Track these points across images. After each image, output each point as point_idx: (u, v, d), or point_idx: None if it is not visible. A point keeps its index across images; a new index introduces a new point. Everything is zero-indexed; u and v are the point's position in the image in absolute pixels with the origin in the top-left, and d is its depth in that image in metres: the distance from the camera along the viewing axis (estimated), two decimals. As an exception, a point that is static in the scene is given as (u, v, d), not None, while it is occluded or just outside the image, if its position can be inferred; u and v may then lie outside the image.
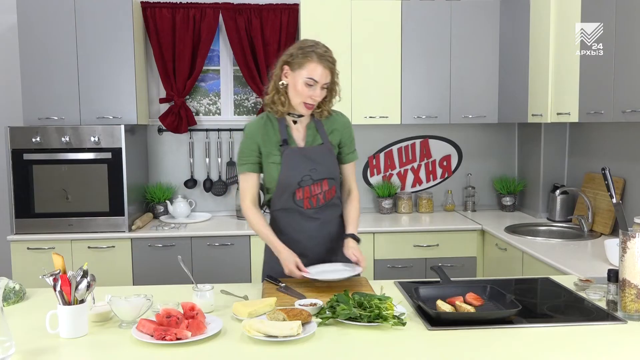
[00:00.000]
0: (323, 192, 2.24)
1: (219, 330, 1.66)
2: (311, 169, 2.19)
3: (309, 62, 2.09)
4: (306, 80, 2.09)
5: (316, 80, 2.09)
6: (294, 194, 2.21)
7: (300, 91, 2.10)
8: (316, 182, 2.21)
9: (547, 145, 3.85)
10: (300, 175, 2.18)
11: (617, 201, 1.89)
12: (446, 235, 3.69)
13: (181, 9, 3.90)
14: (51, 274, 1.67)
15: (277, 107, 2.17)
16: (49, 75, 3.59)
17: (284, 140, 2.19)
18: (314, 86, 2.10)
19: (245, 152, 2.23)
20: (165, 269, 3.49)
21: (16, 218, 3.51)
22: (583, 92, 3.01)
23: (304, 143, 2.23)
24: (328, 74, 2.11)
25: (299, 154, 2.19)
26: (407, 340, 1.62)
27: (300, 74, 2.10)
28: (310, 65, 2.09)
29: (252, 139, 2.21)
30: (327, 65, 2.10)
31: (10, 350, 1.49)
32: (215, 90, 4.18)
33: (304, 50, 2.10)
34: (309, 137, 2.23)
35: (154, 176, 4.14)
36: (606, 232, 3.23)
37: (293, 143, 2.22)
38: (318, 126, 2.25)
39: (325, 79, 2.10)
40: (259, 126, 2.22)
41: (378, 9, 3.79)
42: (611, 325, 1.74)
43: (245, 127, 2.26)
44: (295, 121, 2.22)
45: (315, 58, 2.09)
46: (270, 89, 2.20)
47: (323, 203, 2.25)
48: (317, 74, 2.09)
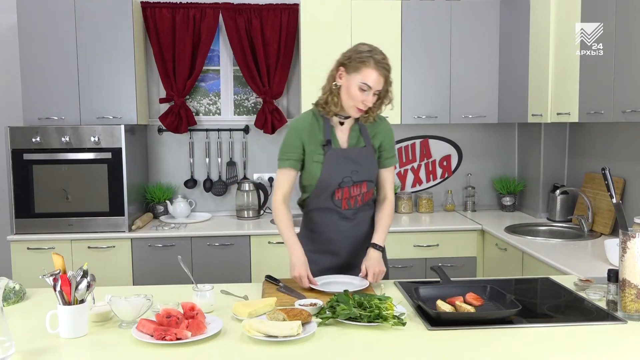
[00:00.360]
0: (362, 193, 2.24)
1: (219, 330, 1.66)
2: (353, 171, 2.20)
3: (365, 67, 2.08)
4: (360, 85, 2.08)
5: (370, 86, 2.08)
6: (333, 194, 2.21)
7: (353, 95, 2.10)
8: (356, 183, 2.21)
9: (547, 145, 3.85)
10: (341, 176, 2.19)
11: (617, 201, 1.89)
12: (446, 235, 3.69)
13: (181, 9, 3.90)
14: (51, 274, 1.67)
15: (329, 107, 2.17)
16: (49, 75, 3.59)
17: (328, 140, 2.19)
18: (367, 91, 2.09)
19: (289, 147, 2.21)
20: (165, 269, 3.49)
21: (16, 218, 3.51)
22: (583, 92, 3.01)
23: (347, 144, 2.23)
24: (382, 81, 2.10)
25: (342, 155, 2.19)
26: (407, 340, 1.62)
27: (355, 78, 2.09)
28: (366, 71, 2.08)
29: (298, 135, 2.20)
30: (383, 73, 2.09)
31: (10, 350, 1.49)
32: (215, 90, 4.18)
33: (362, 55, 2.09)
34: (352, 138, 2.24)
35: (154, 176, 4.14)
36: (606, 232, 3.23)
37: (337, 144, 2.22)
38: (362, 129, 2.25)
39: (378, 86, 2.10)
40: (306, 123, 2.22)
41: (378, 9, 3.79)
42: (611, 325, 1.74)
43: (291, 122, 2.27)
44: (342, 122, 2.22)
45: (372, 64, 2.08)
46: (324, 89, 2.21)
47: (360, 204, 2.26)
48: (372, 79, 2.08)
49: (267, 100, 3.99)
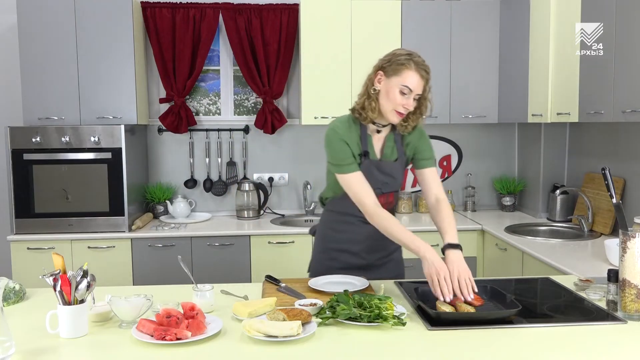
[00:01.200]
0: (388, 202, 2.24)
1: (219, 330, 1.66)
2: (383, 183, 2.18)
3: (405, 69, 2.03)
4: (401, 88, 2.03)
5: (411, 88, 2.03)
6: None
7: (393, 98, 2.05)
8: (384, 194, 2.20)
9: (547, 145, 3.85)
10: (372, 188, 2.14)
11: (617, 201, 1.89)
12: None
13: (181, 9, 3.90)
14: (51, 274, 1.67)
15: (366, 113, 2.11)
16: (49, 75, 3.59)
17: (366, 152, 2.15)
18: (407, 95, 2.04)
19: (343, 153, 2.12)
20: (165, 269, 3.49)
21: (16, 218, 3.51)
22: (583, 92, 3.01)
23: (381, 154, 2.20)
24: (422, 84, 2.05)
25: (375, 167, 2.16)
26: (407, 340, 1.62)
27: (395, 81, 2.04)
28: (406, 73, 2.03)
29: (344, 141, 2.12)
30: (423, 75, 2.04)
31: (10, 350, 1.49)
32: (215, 90, 4.18)
33: (402, 58, 2.05)
34: (387, 149, 2.20)
35: (154, 176, 4.14)
36: (606, 232, 3.23)
37: (373, 155, 2.18)
38: (397, 138, 2.21)
39: (419, 89, 2.04)
40: (347, 131, 2.14)
41: (378, 9, 3.79)
42: (611, 325, 1.74)
43: (332, 129, 2.15)
44: (379, 130, 2.18)
45: (413, 66, 2.03)
46: (361, 94, 2.15)
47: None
48: (412, 82, 2.03)
49: (267, 100, 3.99)
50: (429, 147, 2.26)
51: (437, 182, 2.23)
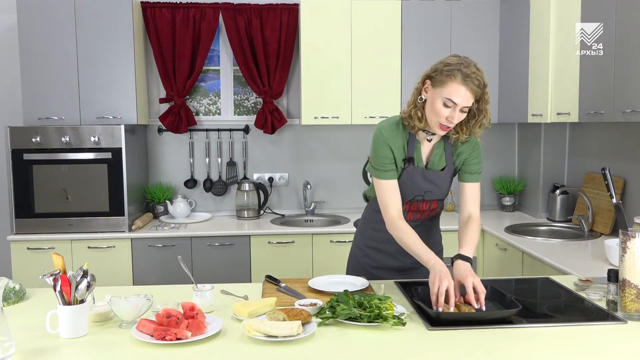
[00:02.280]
0: (430, 210, 2.22)
1: (219, 330, 1.66)
2: (427, 191, 2.14)
3: (451, 81, 1.89)
4: (444, 100, 1.91)
5: (455, 102, 1.90)
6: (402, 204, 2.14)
7: (437, 110, 1.93)
8: (427, 201, 2.18)
9: (547, 145, 3.85)
10: (413, 195, 2.14)
11: (617, 201, 1.89)
12: (446, 235, 3.66)
13: (181, 9, 3.90)
14: (51, 274, 1.66)
15: (413, 122, 2.03)
16: (49, 75, 3.59)
17: (411, 157, 2.09)
18: (452, 108, 1.91)
19: (384, 159, 2.08)
20: (165, 269, 3.49)
21: (16, 218, 3.51)
22: (583, 92, 3.01)
23: (428, 162, 2.13)
24: (470, 97, 1.91)
25: (420, 175, 2.10)
26: (407, 340, 1.62)
27: (440, 92, 1.92)
28: (451, 85, 1.89)
29: (387, 144, 2.07)
30: (471, 88, 1.90)
31: (10, 350, 1.49)
32: (215, 90, 4.18)
33: (450, 67, 1.91)
34: (435, 156, 2.13)
35: (154, 176, 4.14)
36: (606, 232, 3.23)
37: (419, 161, 2.12)
38: (447, 146, 2.13)
39: (466, 102, 1.91)
40: (394, 133, 2.09)
41: (378, 9, 3.79)
42: (611, 325, 1.74)
43: (379, 129, 2.10)
44: (430, 139, 2.10)
45: (459, 78, 1.89)
46: (409, 102, 2.05)
47: (427, 218, 2.24)
48: (457, 95, 1.89)
49: (267, 100, 3.99)
50: (479, 161, 2.17)
51: (476, 200, 2.16)
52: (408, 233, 2.02)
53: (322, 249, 3.62)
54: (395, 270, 2.27)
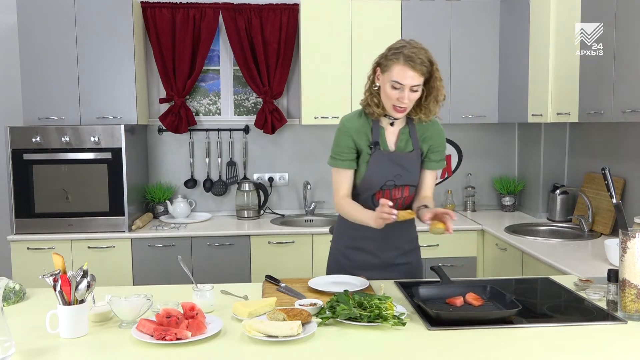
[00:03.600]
0: (403, 197, 2.23)
1: (219, 330, 1.66)
2: (396, 175, 2.17)
3: (394, 64, 2.00)
4: (392, 83, 2.01)
5: (402, 83, 2.00)
6: (374, 195, 2.20)
7: (388, 94, 2.04)
8: (398, 187, 2.20)
9: (547, 145, 3.85)
10: (384, 179, 2.17)
11: (617, 201, 1.89)
12: (446, 235, 3.68)
13: (181, 9, 3.90)
14: (51, 274, 1.67)
15: (372, 109, 2.13)
16: (49, 75, 3.59)
17: (376, 142, 2.16)
18: (400, 89, 2.01)
19: (343, 148, 2.17)
20: (165, 269, 3.49)
21: (16, 218, 3.50)
22: (583, 92, 3.01)
23: (395, 147, 2.19)
24: (416, 76, 2.00)
25: (387, 158, 2.16)
26: (407, 340, 1.62)
27: (388, 76, 2.03)
28: (396, 67, 2.00)
29: (349, 135, 2.16)
30: (415, 67, 1.98)
31: (10, 350, 1.49)
32: (215, 90, 4.18)
33: (393, 51, 2.02)
34: (401, 141, 2.20)
35: (154, 176, 4.14)
36: (606, 232, 3.23)
37: (385, 146, 2.18)
38: (412, 131, 2.20)
39: (412, 81, 2.00)
40: (356, 123, 2.18)
41: (378, 9, 3.79)
42: (611, 325, 1.74)
43: (341, 121, 2.21)
44: (392, 123, 2.18)
45: (401, 60, 1.99)
46: (365, 91, 2.16)
47: (401, 208, 2.24)
48: (402, 76, 1.99)
49: (267, 100, 3.99)
50: (443, 149, 2.27)
51: (432, 186, 2.30)
52: (352, 205, 2.17)
53: (322, 249, 3.61)
54: (376, 269, 2.27)
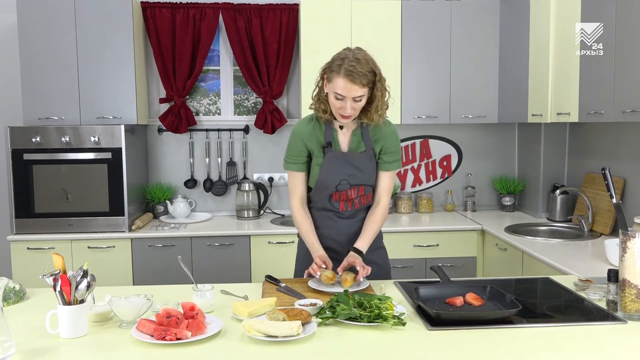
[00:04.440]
0: (359, 197, 2.26)
1: (219, 330, 1.66)
2: (350, 175, 2.20)
3: (335, 76, 2.05)
4: (335, 94, 2.07)
5: (343, 95, 2.05)
6: (331, 195, 2.23)
7: (332, 103, 2.10)
8: (353, 187, 2.22)
9: (547, 145, 3.85)
10: (338, 179, 2.20)
11: (617, 201, 1.89)
12: (446, 235, 3.69)
13: (181, 9, 3.90)
14: (51, 274, 1.67)
15: (319, 114, 2.19)
16: (49, 75, 3.59)
17: (328, 143, 2.20)
18: (342, 100, 2.06)
19: (293, 151, 2.24)
20: (165, 269, 3.49)
21: (16, 218, 3.50)
22: (583, 92, 3.01)
23: (348, 148, 2.23)
24: (357, 88, 2.03)
25: (340, 158, 2.20)
26: (407, 340, 1.62)
27: (331, 87, 2.08)
28: (336, 80, 2.04)
29: (300, 139, 2.23)
30: (354, 80, 2.02)
31: (10, 350, 1.49)
32: (215, 90, 4.18)
33: (336, 64, 2.06)
34: (353, 142, 2.23)
35: (154, 176, 4.14)
36: (606, 232, 3.23)
37: (337, 147, 2.22)
38: (364, 132, 2.23)
39: (354, 94, 2.04)
40: (307, 127, 2.23)
41: (378, 9, 3.79)
42: (611, 325, 1.74)
43: (294, 126, 2.27)
44: (341, 126, 2.22)
45: (342, 73, 2.03)
46: (313, 96, 2.20)
47: (358, 207, 2.28)
48: (342, 89, 2.04)
49: (267, 100, 3.99)
50: (397, 151, 2.28)
51: (388, 188, 2.29)
52: (303, 224, 2.26)
53: (322, 249, 3.61)
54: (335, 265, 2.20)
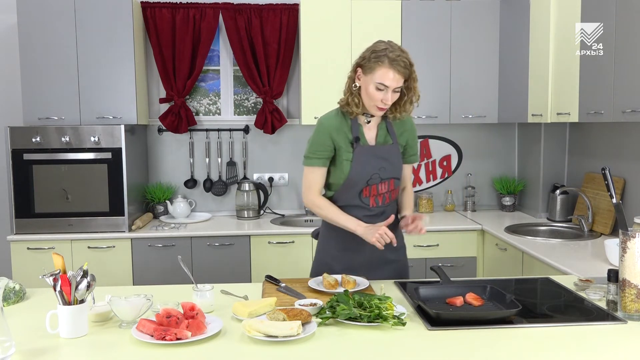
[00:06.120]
0: (389, 191, 2.26)
1: (219, 330, 1.66)
2: (380, 168, 2.21)
3: (379, 66, 2.07)
4: (377, 85, 2.08)
5: (386, 85, 2.07)
6: (361, 191, 2.22)
7: (372, 95, 2.11)
8: (384, 181, 2.23)
9: (547, 145, 3.85)
10: (370, 173, 2.20)
11: (617, 201, 1.89)
12: (446, 235, 3.69)
13: (181, 9, 3.90)
14: (51, 274, 1.67)
15: (351, 109, 2.18)
16: (49, 75, 3.59)
17: (356, 138, 2.20)
18: (384, 90, 2.09)
19: (319, 146, 2.21)
20: (165, 269, 3.49)
21: (16, 218, 3.50)
22: (583, 92, 3.01)
23: (375, 142, 2.25)
24: (400, 78, 2.08)
25: (370, 152, 2.20)
26: (407, 340, 1.62)
27: (371, 78, 2.09)
28: (380, 70, 2.07)
29: (328, 133, 2.20)
30: (399, 70, 2.07)
31: (10, 350, 1.49)
32: (215, 90, 4.18)
33: (376, 54, 2.08)
34: (379, 137, 2.25)
35: (154, 176, 4.14)
36: (606, 232, 3.23)
37: (364, 141, 2.23)
38: (389, 126, 2.27)
39: (396, 84, 2.08)
40: (335, 122, 2.22)
41: (378, 9, 3.79)
42: (611, 325, 1.74)
43: (319, 120, 2.25)
44: (368, 121, 2.23)
45: (387, 63, 2.06)
46: (345, 91, 2.21)
47: (388, 202, 2.28)
48: (387, 79, 2.07)
49: (267, 100, 3.99)
50: (417, 143, 2.40)
51: (411, 177, 2.46)
52: (328, 207, 2.22)
53: (322, 249, 3.61)
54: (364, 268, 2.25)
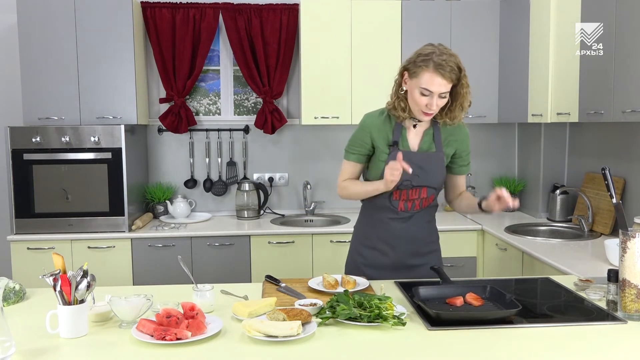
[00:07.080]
0: (420, 198, 2.22)
1: (219, 330, 1.66)
2: (414, 175, 2.13)
3: (424, 71, 2.02)
4: (421, 90, 2.03)
5: (431, 90, 2.02)
6: (391, 194, 2.20)
7: (417, 100, 2.06)
8: (415, 187, 2.19)
9: (547, 145, 3.85)
10: (402, 178, 2.13)
11: (617, 201, 1.89)
12: (446, 235, 3.67)
13: (181, 9, 3.90)
14: (51, 274, 1.67)
15: (397, 113, 2.15)
16: (49, 75, 3.59)
17: (395, 142, 2.17)
18: (429, 96, 2.04)
19: (357, 142, 2.22)
20: (165, 269, 3.49)
21: (16, 218, 3.50)
22: (583, 92, 3.01)
23: (418, 148, 2.20)
24: (445, 83, 2.02)
25: (406, 158, 2.11)
26: (407, 340, 1.62)
27: (417, 82, 2.04)
28: (425, 75, 2.02)
29: (368, 131, 2.19)
30: (445, 75, 2.01)
31: (10, 350, 1.49)
32: (215, 90, 4.18)
33: (422, 58, 2.03)
34: (424, 143, 2.21)
35: (154, 176, 4.14)
36: (606, 232, 3.23)
37: (405, 146, 2.19)
38: (436, 133, 2.21)
39: (442, 89, 2.03)
40: (378, 120, 2.20)
41: (378, 9, 3.79)
42: (611, 325, 1.74)
43: (363, 117, 2.24)
44: (415, 125, 2.20)
45: (431, 67, 2.00)
46: (391, 94, 2.19)
47: (418, 209, 2.24)
48: (432, 84, 2.01)
49: (267, 100, 3.99)
50: (469, 153, 2.32)
51: (465, 184, 2.40)
52: (351, 184, 2.25)
53: (322, 249, 3.62)
54: (389, 270, 2.27)
